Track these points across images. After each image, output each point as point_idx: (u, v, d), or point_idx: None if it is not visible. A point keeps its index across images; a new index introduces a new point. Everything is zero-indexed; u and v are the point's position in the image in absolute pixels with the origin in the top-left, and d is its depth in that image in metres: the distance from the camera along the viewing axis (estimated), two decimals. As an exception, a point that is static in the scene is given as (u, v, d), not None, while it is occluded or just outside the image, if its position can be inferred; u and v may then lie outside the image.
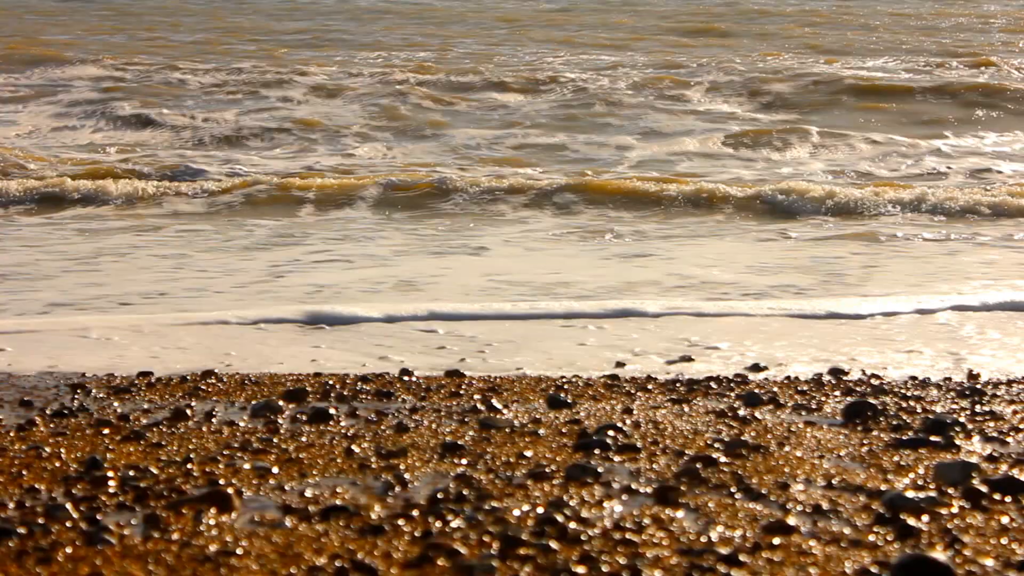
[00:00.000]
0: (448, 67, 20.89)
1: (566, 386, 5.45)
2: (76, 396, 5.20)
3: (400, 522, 3.20)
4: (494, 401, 4.98)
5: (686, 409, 4.85)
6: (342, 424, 4.56)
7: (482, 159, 14.47)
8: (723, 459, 3.86)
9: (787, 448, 4.08)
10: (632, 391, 5.33)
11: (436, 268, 8.96)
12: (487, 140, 15.56)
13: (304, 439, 4.27)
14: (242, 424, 4.57)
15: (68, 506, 3.30)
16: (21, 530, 3.09)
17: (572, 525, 3.14)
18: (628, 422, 4.51)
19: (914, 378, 5.66)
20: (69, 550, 2.98)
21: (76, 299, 7.76)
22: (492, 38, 26.02)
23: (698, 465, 3.77)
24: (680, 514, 3.28)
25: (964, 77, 20.17)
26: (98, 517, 3.23)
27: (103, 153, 14.74)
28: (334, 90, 18.76)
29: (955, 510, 3.28)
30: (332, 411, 4.69)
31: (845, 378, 5.64)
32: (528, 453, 4.01)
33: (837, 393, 5.24)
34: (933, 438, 4.15)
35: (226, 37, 25.66)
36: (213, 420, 4.65)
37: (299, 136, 15.88)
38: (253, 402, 4.96)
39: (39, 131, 16.13)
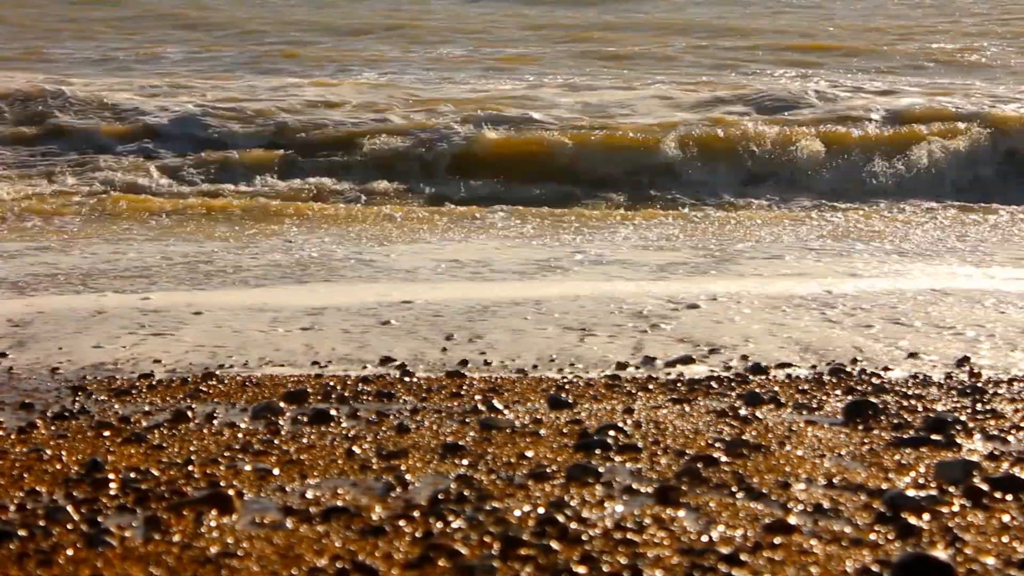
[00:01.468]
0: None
1: (567, 386, 5.45)
2: (77, 398, 5.20)
3: (401, 523, 3.20)
4: (495, 402, 4.98)
5: (687, 409, 4.85)
6: (343, 425, 4.56)
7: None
8: (724, 459, 3.86)
9: (788, 447, 4.08)
10: (633, 391, 5.33)
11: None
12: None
13: (305, 440, 4.26)
14: (243, 426, 4.57)
15: (69, 508, 3.30)
16: (22, 532, 3.10)
17: (573, 525, 3.14)
18: (629, 422, 4.51)
19: (915, 376, 5.66)
20: (70, 552, 2.98)
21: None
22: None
23: (699, 465, 3.77)
24: (681, 514, 3.28)
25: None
26: (99, 519, 3.24)
27: None
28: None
29: (956, 508, 3.28)
30: (333, 412, 4.69)
31: (845, 376, 5.64)
32: (529, 453, 4.01)
33: (838, 392, 5.24)
34: (934, 436, 4.15)
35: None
36: (214, 422, 4.65)
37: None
38: (254, 404, 4.96)
39: None
